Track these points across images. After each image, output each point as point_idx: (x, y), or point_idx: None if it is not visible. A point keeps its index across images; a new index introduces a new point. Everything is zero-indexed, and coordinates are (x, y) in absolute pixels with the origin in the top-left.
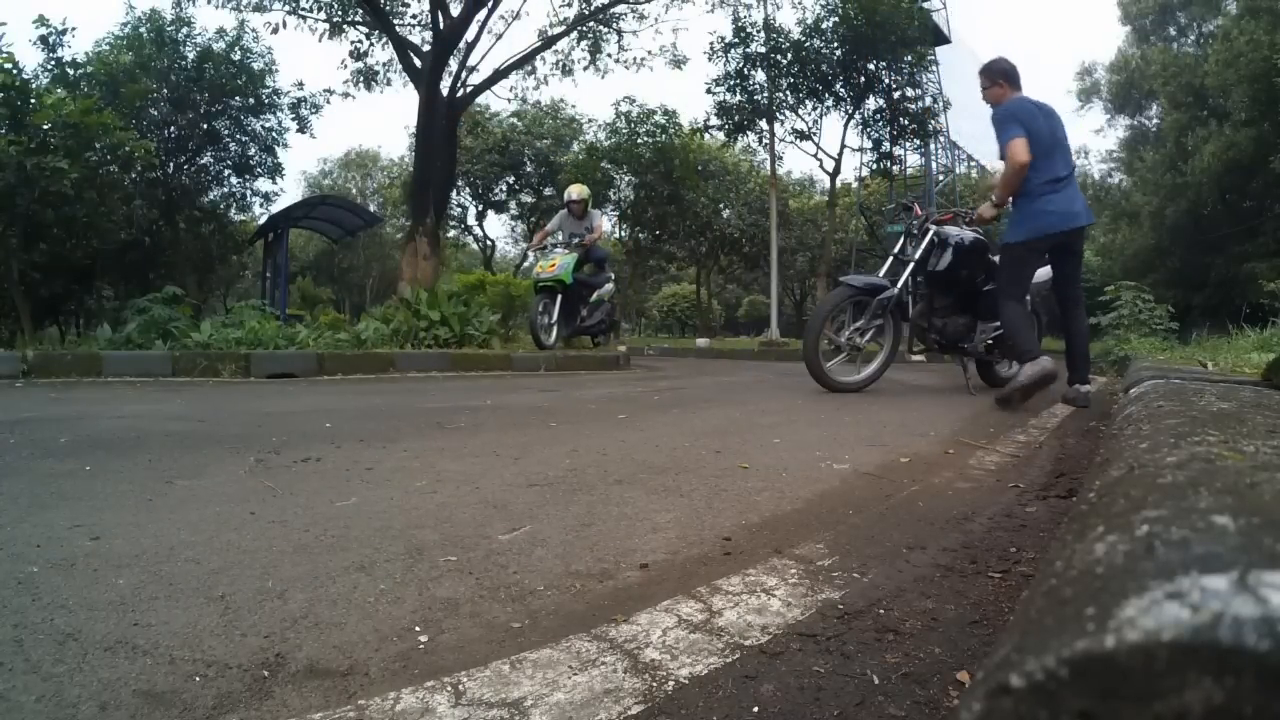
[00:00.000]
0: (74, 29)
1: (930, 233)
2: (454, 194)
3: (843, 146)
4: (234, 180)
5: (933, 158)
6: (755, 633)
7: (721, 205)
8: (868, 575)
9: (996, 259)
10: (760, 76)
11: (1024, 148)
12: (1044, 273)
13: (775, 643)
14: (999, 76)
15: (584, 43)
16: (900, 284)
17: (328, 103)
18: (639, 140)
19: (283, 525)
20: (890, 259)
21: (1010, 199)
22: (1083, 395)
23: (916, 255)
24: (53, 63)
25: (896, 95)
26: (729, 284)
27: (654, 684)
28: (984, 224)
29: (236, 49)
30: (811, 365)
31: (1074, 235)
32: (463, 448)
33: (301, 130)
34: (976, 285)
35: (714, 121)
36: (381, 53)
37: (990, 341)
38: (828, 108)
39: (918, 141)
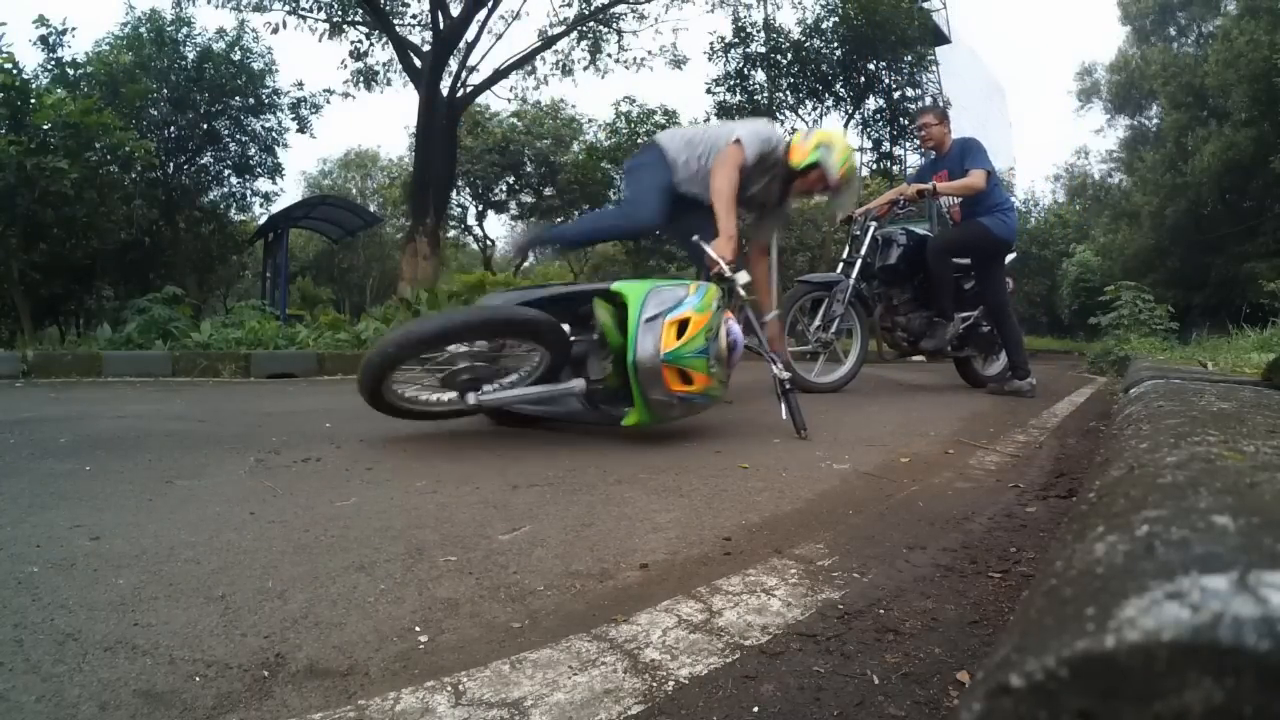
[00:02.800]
0: (74, 29)
1: (870, 230)
2: (454, 194)
3: None
4: (234, 180)
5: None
6: (755, 633)
7: None
8: (868, 575)
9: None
10: (760, 76)
11: (986, 179)
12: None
13: (775, 643)
14: (945, 119)
15: (584, 43)
16: (854, 274)
17: (328, 103)
18: (639, 140)
19: (283, 525)
20: (841, 264)
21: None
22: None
23: (861, 253)
24: (53, 63)
25: (896, 95)
26: None
27: (654, 684)
28: (914, 201)
29: (236, 49)
30: None
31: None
32: (463, 447)
33: (301, 130)
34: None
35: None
36: (381, 53)
37: (961, 332)
38: (828, 108)
39: (917, 141)
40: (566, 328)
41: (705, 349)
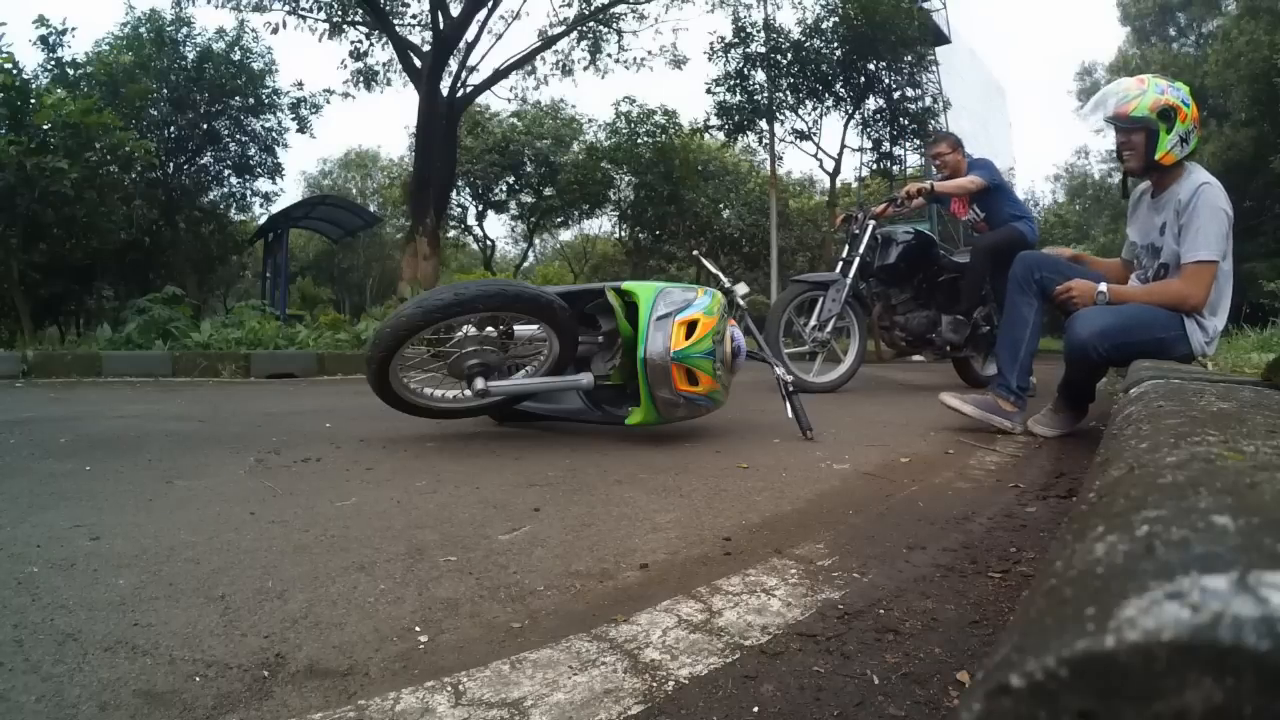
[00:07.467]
0: (74, 29)
1: (870, 229)
2: (454, 194)
3: (843, 146)
4: (234, 180)
5: None
6: (755, 633)
7: (721, 205)
8: (868, 575)
9: (943, 251)
10: (760, 76)
11: (979, 186)
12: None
13: (775, 643)
14: (958, 146)
15: (584, 43)
16: (851, 274)
17: (328, 103)
18: (639, 140)
19: (283, 525)
20: (840, 264)
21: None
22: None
23: (860, 252)
24: (53, 63)
25: (896, 95)
26: None
27: (654, 684)
28: (911, 201)
29: (236, 49)
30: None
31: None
32: (463, 448)
33: (301, 130)
34: (932, 276)
35: (714, 121)
36: (381, 53)
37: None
38: (828, 108)
39: (918, 141)
40: None
41: (712, 351)
